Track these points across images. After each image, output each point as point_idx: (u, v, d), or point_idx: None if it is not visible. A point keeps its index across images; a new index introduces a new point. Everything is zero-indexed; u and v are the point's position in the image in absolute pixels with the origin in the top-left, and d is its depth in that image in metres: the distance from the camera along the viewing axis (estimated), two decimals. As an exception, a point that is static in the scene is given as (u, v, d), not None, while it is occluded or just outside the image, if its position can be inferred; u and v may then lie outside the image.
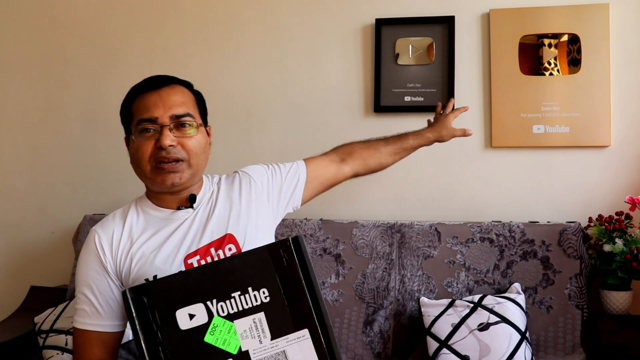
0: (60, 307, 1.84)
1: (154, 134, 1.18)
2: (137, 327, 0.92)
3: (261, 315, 0.93)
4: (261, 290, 0.94)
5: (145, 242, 1.21)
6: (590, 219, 1.83)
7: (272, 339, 0.92)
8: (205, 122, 1.29)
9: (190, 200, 1.25)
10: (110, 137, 2.22)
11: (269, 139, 2.12)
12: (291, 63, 2.11)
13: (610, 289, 1.72)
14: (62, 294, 2.05)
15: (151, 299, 0.93)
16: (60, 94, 2.27)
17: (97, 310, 1.18)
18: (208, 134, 1.29)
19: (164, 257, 1.18)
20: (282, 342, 0.92)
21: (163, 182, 1.18)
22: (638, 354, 1.60)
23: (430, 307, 1.67)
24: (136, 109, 1.21)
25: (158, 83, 1.22)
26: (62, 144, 2.27)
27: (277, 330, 0.93)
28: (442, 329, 1.61)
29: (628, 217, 1.75)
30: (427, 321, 1.64)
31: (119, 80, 2.22)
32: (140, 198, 1.30)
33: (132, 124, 1.21)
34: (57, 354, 1.72)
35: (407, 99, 2.01)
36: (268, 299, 0.94)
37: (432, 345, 1.60)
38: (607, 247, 1.69)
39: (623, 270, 1.68)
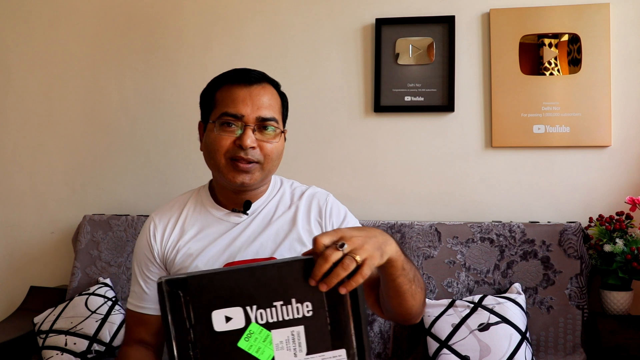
0: (60, 307, 1.84)
1: (235, 130, 1.15)
2: (169, 321, 0.88)
3: (300, 329, 0.89)
4: (305, 304, 0.90)
5: (193, 238, 1.21)
6: (590, 219, 1.82)
7: (307, 354, 0.89)
8: (284, 125, 1.25)
9: (245, 207, 1.21)
10: (110, 137, 2.23)
11: (269, 139, 2.12)
12: (291, 63, 2.10)
13: (611, 289, 1.72)
14: (62, 294, 2.05)
15: (187, 295, 0.88)
16: (60, 93, 2.27)
17: (143, 292, 1.22)
18: (285, 138, 1.25)
19: (206, 259, 1.18)
20: (317, 358, 0.90)
21: (233, 179, 1.15)
22: (638, 354, 1.60)
23: (431, 307, 1.67)
24: (222, 100, 1.17)
25: (251, 78, 1.17)
26: (62, 144, 2.27)
27: (314, 346, 0.90)
28: (442, 329, 1.60)
29: (628, 217, 1.75)
30: (427, 321, 1.64)
31: (119, 80, 2.22)
32: (203, 187, 1.29)
33: (215, 113, 1.18)
34: (57, 354, 1.72)
35: (407, 99, 2.01)
36: (311, 313, 0.90)
37: (432, 345, 1.60)
38: (607, 247, 1.69)
39: (623, 271, 1.68)
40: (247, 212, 1.22)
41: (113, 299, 1.87)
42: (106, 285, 1.92)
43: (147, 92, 2.20)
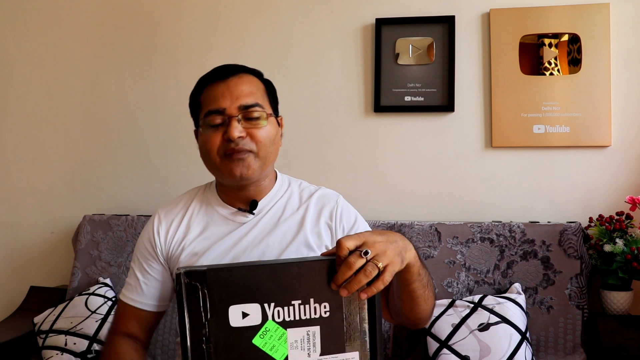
0: (60, 307, 1.84)
1: (222, 126, 1.15)
2: (185, 313, 0.87)
3: (316, 329, 0.89)
4: (323, 304, 0.89)
5: (198, 236, 1.20)
6: (590, 219, 1.82)
7: (320, 355, 0.89)
8: (276, 112, 1.24)
9: (251, 207, 1.20)
10: (110, 137, 2.23)
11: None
12: (291, 63, 2.10)
13: (611, 289, 1.72)
14: (61, 294, 2.05)
15: (206, 288, 0.87)
16: (60, 93, 2.27)
17: (140, 286, 1.20)
18: (279, 124, 1.24)
19: (211, 258, 1.17)
20: (329, 359, 0.90)
21: (231, 174, 1.14)
22: (638, 355, 1.60)
23: (431, 307, 1.67)
24: (204, 100, 1.18)
25: (226, 73, 1.18)
26: (62, 143, 2.27)
27: (328, 347, 0.90)
28: (442, 329, 1.60)
29: (628, 217, 1.75)
30: (427, 321, 1.64)
31: (119, 80, 2.22)
32: (210, 185, 1.28)
33: (201, 115, 1.18)
34: (57, 354, 1.72)
35: (407, 99, 2.01)
36: (328, 314, 0.89)
37: (432, 345, 1.60)
38: (607, 247, 1.69)
39: (623, 271, 1.68)
40: (254, 211, 1.21)
41: (113, 299, 1.87)
42: (106, 285, 1.92)
43: (147, 92, 2.20)
